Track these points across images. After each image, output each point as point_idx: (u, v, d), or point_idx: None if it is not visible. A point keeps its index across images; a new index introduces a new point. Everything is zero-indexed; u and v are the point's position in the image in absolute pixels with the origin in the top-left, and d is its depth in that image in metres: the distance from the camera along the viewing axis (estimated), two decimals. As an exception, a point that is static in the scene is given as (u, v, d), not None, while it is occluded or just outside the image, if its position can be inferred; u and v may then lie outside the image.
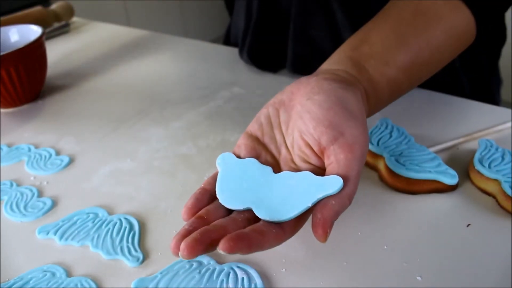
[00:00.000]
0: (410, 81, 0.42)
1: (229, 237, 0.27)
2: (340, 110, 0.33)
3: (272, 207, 0.31)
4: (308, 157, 0.34)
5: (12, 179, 0.50)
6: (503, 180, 0.39)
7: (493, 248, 0.35)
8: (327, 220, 0.29)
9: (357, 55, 0.40)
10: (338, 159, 0.31)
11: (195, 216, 0.31)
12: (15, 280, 0.37)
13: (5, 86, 0.62)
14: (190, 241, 0.28)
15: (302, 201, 0.30)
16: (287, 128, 0.35)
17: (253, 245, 0.28)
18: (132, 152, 0.52)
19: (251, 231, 0.29)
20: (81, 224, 0.41)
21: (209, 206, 0.32)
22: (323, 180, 0.31)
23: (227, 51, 0.78)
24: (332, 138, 0.32)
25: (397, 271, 0.34)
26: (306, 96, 0.34)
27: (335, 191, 0.30)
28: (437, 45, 0.42)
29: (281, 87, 0.63)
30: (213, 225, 0.30)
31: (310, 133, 0.33)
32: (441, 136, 0.47)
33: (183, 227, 0.30)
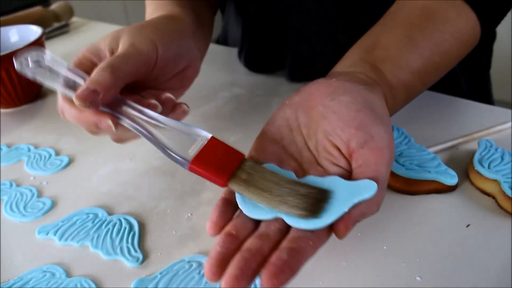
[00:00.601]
0: (422, 85, 0.42)
1: (272, 272, 0.25)
2: (369, 113, 0.32)
3: None
4: (337, 160, 0.32)
5: (11, 179, 0.50)
6: (503, 181, 0.39)
7: (493, 248, 0.35)
8: (351, 218, 0.27)
9: (372, 58, 0.39)
10: (368, 163, 0.30)
11: (225, 234, 0.29)
12: (15, 280, 0.37)
13: (4, 86, 0.62)
14: (232, 280, 0.25)
15: (337, 207, 0.28)
16: (308, 130, 0.34)
17: (296, 269, 0.26)
18: (132, 152, 0.52)
19: (289, 254, 0.26)
20: (80, 224, 0.41)
21: (235, 221, 0.30)
22: (356, 184, 0.29)
23: (226, 52, 0.78)
24: (362, 141, 0.30)
25: (397, 271, 0.34)
26: (329, 97, 0.33)
27: (371, 195, 0.28)
28: (445, 48, 0.42)
29: (281, 87, 0.63)
30: (247, 250, 0.27)
31: (337, 135, 0.31)
32: (440, 136, 0.47)
33: (214, 249, 0.28)
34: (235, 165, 0.31)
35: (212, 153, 0.31)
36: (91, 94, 0.33)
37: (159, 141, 0.33)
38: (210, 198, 0.44)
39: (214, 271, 0.26)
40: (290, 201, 0.29)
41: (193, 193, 0.45)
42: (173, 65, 0.42)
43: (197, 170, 0.31)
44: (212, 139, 0.32)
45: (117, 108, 0.35)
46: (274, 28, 0.64)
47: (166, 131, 0.33)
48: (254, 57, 0.67)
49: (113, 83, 0.34)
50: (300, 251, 0.27)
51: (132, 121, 0.34)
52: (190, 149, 0.31)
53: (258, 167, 0.31)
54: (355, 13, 0.58)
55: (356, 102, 0.32)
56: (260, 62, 0.67)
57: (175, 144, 0.32)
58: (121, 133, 0.38)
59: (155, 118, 0.34)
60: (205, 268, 0.27)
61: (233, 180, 0.30)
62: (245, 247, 0.27)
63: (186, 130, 0.33)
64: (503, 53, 0.66)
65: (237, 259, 0.26)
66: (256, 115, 0.57)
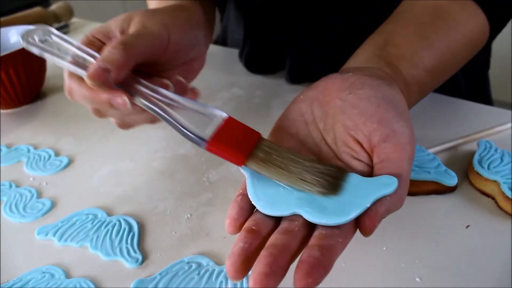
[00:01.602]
0: (434, 83, 0.42)
1: (306, 270, 0.24)
2: (390, 108, 0.31)
3: (323, 210, 0.27)
4: (358, 154, 0.31)
5: (11, 180, 0.50)
6: (502, 181, 0.39)
7: (492, 249, 0.35)
8: (378, 214, 0.27)
9: (386, 55, 0.39)
10: (390, 158, 0.29)
11: (246, 230, 0.27)
12: (14, 281, 0.37)
13: (4, 87, 0.62)
14: (261, 277, 0.24)
15: (358, 202, 0.27)
16: (324, 124, 0.33)
17: (329, 267, 0.25)
18: (131, 152, 0.52)
19: (320, 251, 0.25)
20: (80, 225, 0.41)
21: (255, 216, 0.29)
22: (376, 180, 0.28)
23: (226, 52, 0.78)
24: (385, 136, 0.30)
25: (396, 272, 0.34)
26: (347, 90, 0.32)
27: (391, 191, 0.27)
28: (456, 48, 0.42)
29: (280, 88, 0.63)
30: (274, 245, 0.26)
31: (359, 129, 0.31)
32: (440, 137, 0.47)
33: (236, 245, 0.26)
34: (252, 144, 0.30)
35: (229, 133, 0.31)
36: (104, 72, 0.33)
37: (176, 120, 0.32)
38: (210, 199, 0.44)
39: (238, 268, 0.25)
40: (309, 178, 0.28)
41: (192, 193, 0.45)
42: (183, 53, 0.41)
43: (215, 149, 0.30)
44: (229, 118, 0.31)
45: (130, 87, 0.34)
46: (275, 28, 0.64)
47: (181, 110, 0.32)
48: (255, 58, 0.67)
49: (126, 61, 0.34)
50: (331, 248, 0.26)
51: (146, 99, 0.34)
52: (206, 129, 0.31)
53: (275, 145, 0.30)
54: (355, 14, 0.58)
55: (376, 97, 0.31)
56: (261, 63, 0.67)
57: (191, 124, 0.31)
58: (131, 115, 0.37)
59: (170, 97, 0.33)
60: (228, 266, 0.25)
61: (251, 159, 0.30)
62: (270, 243, 0.26)
63: (201, 110, 0.32)
64: (502, 54, 0.66)
65: (264, 256, 0.25)
66: (255, 116, 0.57)
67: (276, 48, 0.65)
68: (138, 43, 0.36)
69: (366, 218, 0.27)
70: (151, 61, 0.38)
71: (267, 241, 0.27)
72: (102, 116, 0.38)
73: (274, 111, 0.58)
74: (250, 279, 0.24)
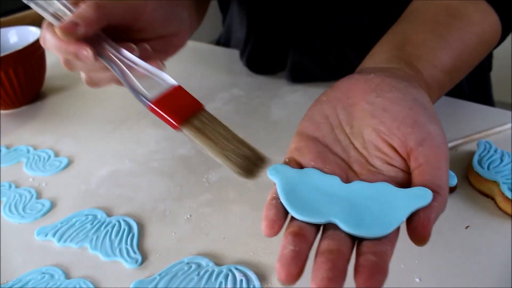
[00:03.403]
0: (451, 83, 0.42)
1: (367, 273, 0.24)
2: (422, 110, 0.30)
3: (358, 222, 0.27)
4: (391, 159, 0.30)
5: (10, 181, 0.50)
6: (502, 182, 0.39)
7: (492, 249, 0.35)
8: (430, 221, 0.26)
9: (405, 55, 0.39)
10: (429, 161, 0.28)
11: (292, 234, 0.27)
12: (14, 282, 0.37)
13: (4, 88, 0.62)
14: (325, 282, 0.24)
15: (395, 213, 0.27)
16: (351, 128, 0.32)
17: (386, 271, 0.25)
18: (131, 153, 0.52)
19: (375, 256, 0.25)
20: (79, 226, 0.41)
21: (295, 221, 0.28)
22: (411, 191, 0.28)
23: (226, 53, 0.78)
24: (421, 139, 0.29)
25: (396, 272, 0.34)
26: (373, 93, 0.32)
27: (427, 203, 0.27)
28: (472, 48, 0.43)
29: (280, 89, 0.63)
30: (327, 250, 0.25)
31: (393, 134, 0.30)
32: (440, 137, 0.47)
33: (286, 248, 0.26)
34: (191, 112, 0.33)
35: (174, 99, 0.34)
36: (73, 25, 0.36)
37: (129, 80, 0.36)
38: (209, 200, 0.44)
39: (292, 271, 0.24)
40: (232, 158, 0.31)
41: (192, 194, 0.45)
42: (159, 24, 0.43)
43: (155, 110, 0.33)
44: (178, 87, 0.35)
45: (97, 45, 0.37)
46: (277, 27, 0.64)
47: (137, 73, 0.36)
48: (256, 57, 0.67)
49: (96, 18, 0.36)
50: (383, 254, 0.25)
51: (107, 57, 0.37)
52: (154, 92, 0.34)
53: (215, 120, 0.33)
54: (356, 13, 0.58)
55: (406, 100, 0.31)
56: (262, 62, 0.67)
57: (142, 85, 0.35)
58: (96, 71, 0.40)
59: (130, 59, 0.37)
60: (280, 270, 0.25)
61: (186, 125, 0.32)
62: (324, 248, 0.26)
63: (157, 75, 0.35)
64: (503, 55, 0.66)
65: (323, 261, 0.25)
66: (255, 116, 0.57)
67: (278, 46, 0.65)
68: (111, 5, 0.38)
69: (419, 227, 0.26)
70: (124, 25, 0.40)
71: (312, 245, 0.27)
72: (71, 68, 0.40)
73: (274, 111, 0.58)
74: (313, 285, 0.24)
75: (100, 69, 0.39)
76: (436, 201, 0.27)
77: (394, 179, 0.30)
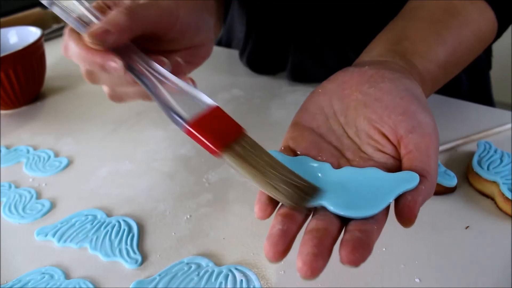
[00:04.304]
0: (445, 78, 0.43)
1: (351, 247, 0.25)
2: (413, 100, 0.31)
3: (347, 204, 0.27)
4: (382, 146, 0.31)
5: (10, 181, 0.50)
6: (502, 182, 0.39)
7: (492, 250, 0.35)
8: (416, 203, 0.27)
9: (401, 49, 0.39)
10: (419, 148, 0.29)
11: (281, 215, 0.28)
12: (14, 282, 0.37)
13: (4, 88, 0.62)
14: (310, 258, 0.24)
15: (383, 196, 0.27)
16: (345, 118, 0.33)
17: (371, 247, 0.25)
18: (131, 153, 0.52)
19: (360, 233, 0.26)
20: (79, 226, 0.41)
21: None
22: (398, 175, 0.28)
23: (226, 53, 0.78)
24: (411, 127, 0.30)
25: (396, 273, 0.34)
26: (367, 84, 0.33)
27: (413, 186, 0.28)
28: (467, 45, 0.43)
29: (280, 89, 0.64)
30: (315, 229, 0.26)
31: (384, 122, 0.31)
32: (440, 138, 0.47)
33: (274, 227, 0.27)
34: (233, 137, 0.30)
35: (213, 121, 0.30)
36: (104, 33, 0.33)
37: (162, 97, 0.32)
38: (209, 200, 0.44)
39: (279, 249, 0.25)
40: (282, 188, 0.28)
41: (192, 195, 0.45)
42: (190, 34, 0.40)
43: (193, 133, 0.30)
44: (216, 108, 0.31)
45: (126, 56, 0.34)
46: (277, 25, 0.64)
47: (171, 89, 0.32)
48: (257, 57, 0.67)
49: (128, 26, 0.33)
50: (369, 232, 0.26)
51: (138, 70, 0.34)
52: (190, 112, 0.30)
53: (257, 145, 0.30)
54: (358, 11, 0.59)
55: (398, 90, 0.32)
56: (262, 61, 0.67)
57: (176, 104, 0.31)
58: (123, 86, 0.37)
59: (163, 74, 0.33)
60: (267, 247, 0.25)
61: (228, 151, 0.29)
62: (311, 227, 0.27)
63: (192, 93, 0.32)
64: (503, 55, 0.66)
65: (309, 238, 0.26)
66: (255, 116, 0.57)
67: (278, 45, 0.65)
68: (144, 12, 0.35)
69: (406, 209, 0.27)
70: (156, 35, 0.37)
71: (301, 227, 0.27)
72: (94, 81, 0.38)
73: (274, 112, 0.58)
74: (298, 261, 0.25)
75: (127, 83, 0.36)
76: (423, 185, 0.28)
77: (385, 165, 0.31)
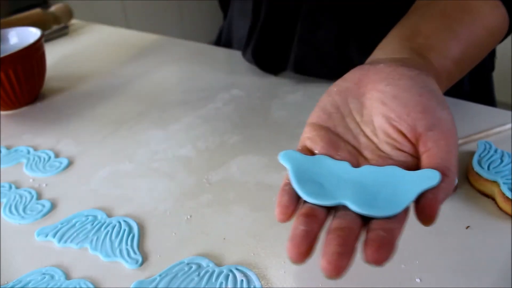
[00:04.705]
0: (459, 74, 0.43)
1: (376, 246, 0.25)
2: (432, 97, 0.31)
3: (368, 203, 0.27)
4: (401, 144, 0.31)
5: (11, 181, 0.50)
6: (502, 182, 0.39)
7: (492, 250, 0.35)
8: (438, 201, 0.27)
9: (416, 46, 0.39)
10: (439, 145, 0.29)
11: (303, 215, 0.27)
12: (14, 282, 0.37)
13: (4, 89, 0.62)
14: (335, 257, 0.24)
15: (404, 194, 0.27)
16: (361, 116, 0.33)
17: (394, 246, 0.25)
18: (131, 154, 0.52)
19: (385, 232, 0.26)
20: (80, 226, 0.41)
21: (306, 204, 0.29)
22: (419, 173, 0.28)
23: (226, 53, 0.78)
24: (430, 124, 0.30)
25: (396, 273, 0.34)
26: (384, 82, 0.32)
27: (435, 184, 0.27)
28: (480, 41, 0.43)
29: (280, 89, 0.64)
30: (338, 228, 0.26)
31: (403, 119, 0.31)
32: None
33: (297, 228, 0.26)
34: None
35: None
36: None
37: None
38: (209, 200, 0.44)
39: (303, 250, 0.25)
40: None
41: (192, 195, 0.45)
42: None
43: None
44: None
45: None
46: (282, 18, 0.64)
47: None
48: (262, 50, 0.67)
49: None
50: (392, 231, 0.26)
51: None
52: None
53: None
54: (360, 7, 0.59)
55: (417, 87, 0.32)
56: (267, 55, 0.67)
57: None
58: None
59: None
60: (291, 249, 0.25)
61: None
62: (334, 226, 0.26)
63: None
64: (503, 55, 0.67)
65: (333, 238, 0.25)
66: (255, 117, 0.57)
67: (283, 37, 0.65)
68: None
69: (427, 207, 0.27)
70: None
71: (323, 226, 0.27)
72: None
73: (274, 112, 0.58)
74: (323, 260, 0.25)
75: None
76: (444, 182, 0.28)
77: (403, 163, 0.30)
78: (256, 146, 0.51)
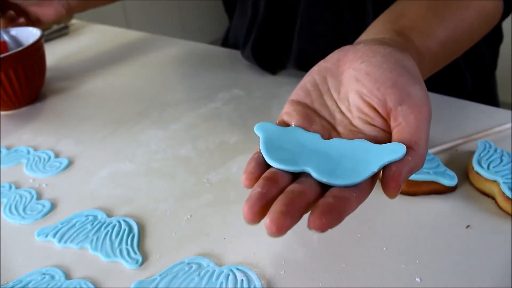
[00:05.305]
0: (446, 57, 0.43)
1: (319, 212, 0.25)
2: (403, 72, 0.31)
3: (331, 171, 0.28)
4: (372, 119, 0.32)
5: (11, 182, 0.50)
6: (502, 181, 0.39)
7: (493, 249, 0.35)
8: (401, 174, 0.27)
9: (398, 27, 0.40)
10: (408, 120, 0.30)
11: (263, 178, 0.28)
12: (14, 283, 0.37)
13: (4, 89, 0.62)
14: (277, 216, 0.24)
15: (367, 165, 0.28)
16: (338, 93, 0.34)
17: (342, 215, 0.25)
18: (131, 154, 0.52)
19: (335, 200, 0.26)
20: (80, 227, 0.41)
21: (271, 170, 0.29)
22: (384, 146, 0.29)
23: (226, 53, 0.78)
24: (400, 99, 0.30)
25: (396, 272, 0.34)
26: (359, 60, 0.33)
27: (399, 156, 0.28)
28: (469, 23, 0.43)
29: (280, 88, 0.64)
30: (291, 191, 0.27)
31: (374, 95, 0.31)
32: (440, 137, 0.48)
33: (254, 190, 0.27)
34: None
35: None
36: None
37: None
38: (210, 200, 0.44)
39: (256, 211, 0.25)
40: None
41: (192, 195, 0.45)
42: None
43: None
44: None
45: None
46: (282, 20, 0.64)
47: None
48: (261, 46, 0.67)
49: None
50: (344, 199, 0.26)
51: None
52: None
53: None
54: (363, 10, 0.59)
55: (389, 63, 0.32)
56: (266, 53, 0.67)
57: None
58: None
59: None
60: (245, 209, 0.26)
61: None
62: (288, 189, 0.27)
63: None
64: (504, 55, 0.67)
65: (282, 198, 0.26)
66: (255, 116, 0.57)
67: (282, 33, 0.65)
68: None
69: (390, 179, 0.27)
70: None
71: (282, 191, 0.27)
72: None
73: (274, 111, 0.58)
74: (266, 218, 0.25)
75: None
76: (410, 156, 0.28)
77: (374, 138, 0.31)
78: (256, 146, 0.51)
